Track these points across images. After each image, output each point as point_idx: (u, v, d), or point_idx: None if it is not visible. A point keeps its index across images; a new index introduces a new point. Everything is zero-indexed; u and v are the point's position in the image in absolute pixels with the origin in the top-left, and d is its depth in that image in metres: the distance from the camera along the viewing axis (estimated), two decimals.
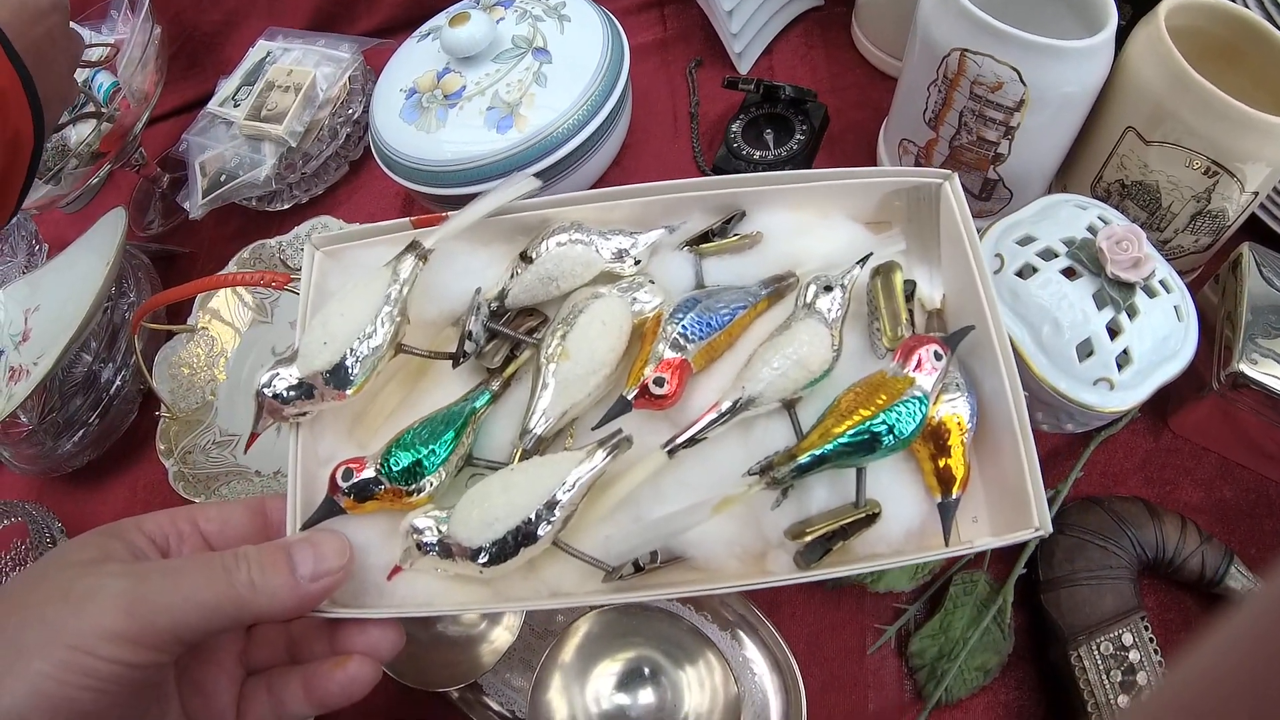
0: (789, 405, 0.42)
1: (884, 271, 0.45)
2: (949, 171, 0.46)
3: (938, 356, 0.40)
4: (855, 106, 0.75)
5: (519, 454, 0.42)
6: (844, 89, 0.76)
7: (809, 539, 0.39)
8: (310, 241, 0.46)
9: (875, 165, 0.70)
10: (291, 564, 0.36)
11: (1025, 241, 0.52)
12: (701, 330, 0.42)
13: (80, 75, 0.75)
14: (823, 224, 0.47)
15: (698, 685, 0.51)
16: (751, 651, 0.54)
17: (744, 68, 0.79)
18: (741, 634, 0.54)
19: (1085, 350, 0.49)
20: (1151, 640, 0.50)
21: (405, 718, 0.56)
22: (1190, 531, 0.53)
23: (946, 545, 0.39)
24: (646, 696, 0.52)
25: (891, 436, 0.38)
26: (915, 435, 0.39)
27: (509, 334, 0.44)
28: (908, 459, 0.42)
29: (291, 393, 0.41)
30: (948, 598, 0.53)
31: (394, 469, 0.40)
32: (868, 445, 0.38)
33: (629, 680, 0.52)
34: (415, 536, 0.39)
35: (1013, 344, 0.49)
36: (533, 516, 0.38)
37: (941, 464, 0.41)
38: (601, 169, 0.73)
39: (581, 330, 0.42)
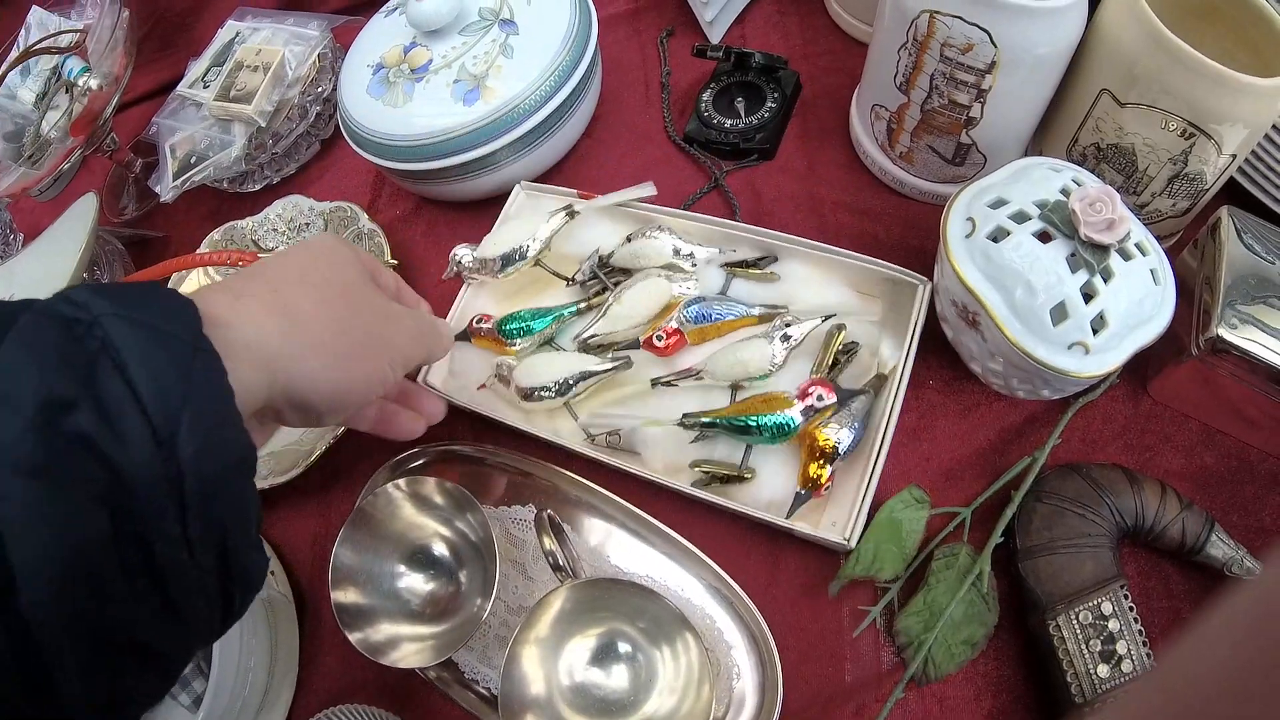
0: (734, 387, 0.58)
1: (835, 329, 0.58)
2: (927, 280, 0.57)
3: (820, 399, 0.53)
4: (829, 73, 0.74)
5: (575, 347, 0.62)
6: (817, 55, 0.75)
7: (699, 470, 0.56)
8: (520, 185, 0.68)
9: (848, 132, 0.70)
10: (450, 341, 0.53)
11: (997, 204, 0.51)
12: (698, 319, 0.59)
13: (50, 61, 0.75)
14: (824, 282, 0.61)
15: (671, 659, 0.51)
16: (725, 623, 0.54)
17: (715, 37, 0.78)
18: (717, 606, 0.54)
19: (1060, 314, 0.48)
20: (1131, 609, 0.49)
21: (386, 693, 0.56)
22: (1170, 499, 0.52)
23: (786, 518, 0.53)
24: (620, 671, 0.52)
25: (759, 432, 0.54)
26: (778, 439, 0.54)
27: (602, 278, 0.64)
28: (795, 456, 0.55)
29: (470, 263, 0.64)
30: (929, 572, 0.53)
31: (505, 328, 0.61)
32: (744, 430, 0.54)
33: (603, 655, 0.52)
34: (498, 369, 0.60)
35: (985, 309, 0.50)
36: (559, 383, 0.58)
37: (810, 468, 0.53)
38: (572, 140, 0.72)
39: (636, 292, 0.60)
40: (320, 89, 0.77)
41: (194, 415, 0.28)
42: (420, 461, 0.61)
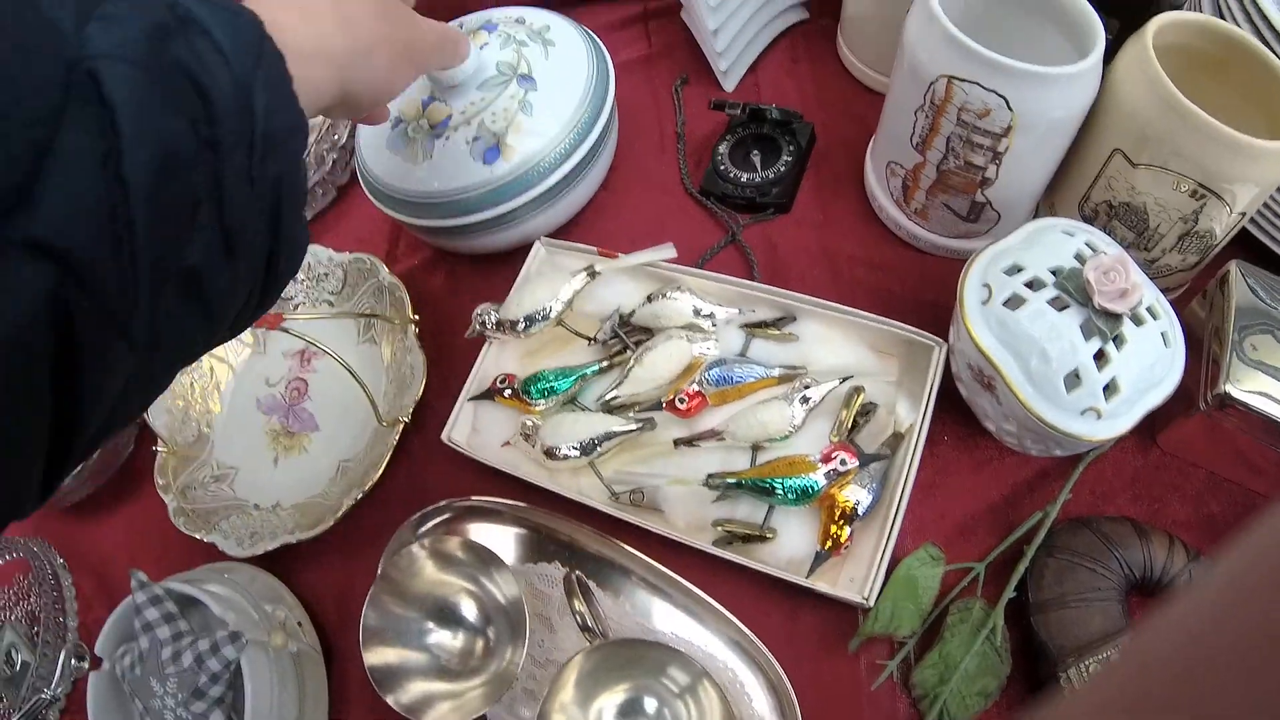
0: (754, 447, 0.60)
1: (854, 390, 0.60)
2: (943, 341, 0.58)
3: (843, 463, 0.55)
4: (842, 122, 0.74)
5: (599, 407, 0.63)
6: (830, 105, 0.76)
7: (721, 529, 0.58)
8: (541, 242, 0.70)
9: (863, 184, 0.71)
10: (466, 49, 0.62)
11: (1013, 271, 0.53)
12: (720, 382, 0.61)
13: None
14: (841, 342, 0.62)
15: (696, 712, 0.52)
16: (746, 676, 0.55)
17: (730, 85, 0.78)
18: (739, 659, 0.55)
19: (1073, 381, 0.50)
20: None
21: None
22: (1178, 550, 0.54)
23: (806, 577, 0.55)
24: None
25: (782, 494, 0.55)
26: (801, 502, 0.55)
27: (623, 338, 0.65)
28: (815, 516, 0.57)
29: (493, 323, 0.64)
30: (945, 626, 0.54)
31: (528, 388, 0.63)
32: (767, 491, 0.56)
33: (630, 710, 0.54)
34: (523, 428, 0.62)
35: (1001, 375, 0.51)
36: (584, 443, 0.60)
37: (830, 528, 0.55)
38: (591, 192, 0.72)
39: (657, 354, 0.62)
40: (336, 136, 0.77)
41: (265, 79, 0.33)
42: (445, 516, 0.62)
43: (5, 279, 0.26)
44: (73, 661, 0.65)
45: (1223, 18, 0.59)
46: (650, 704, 0.54)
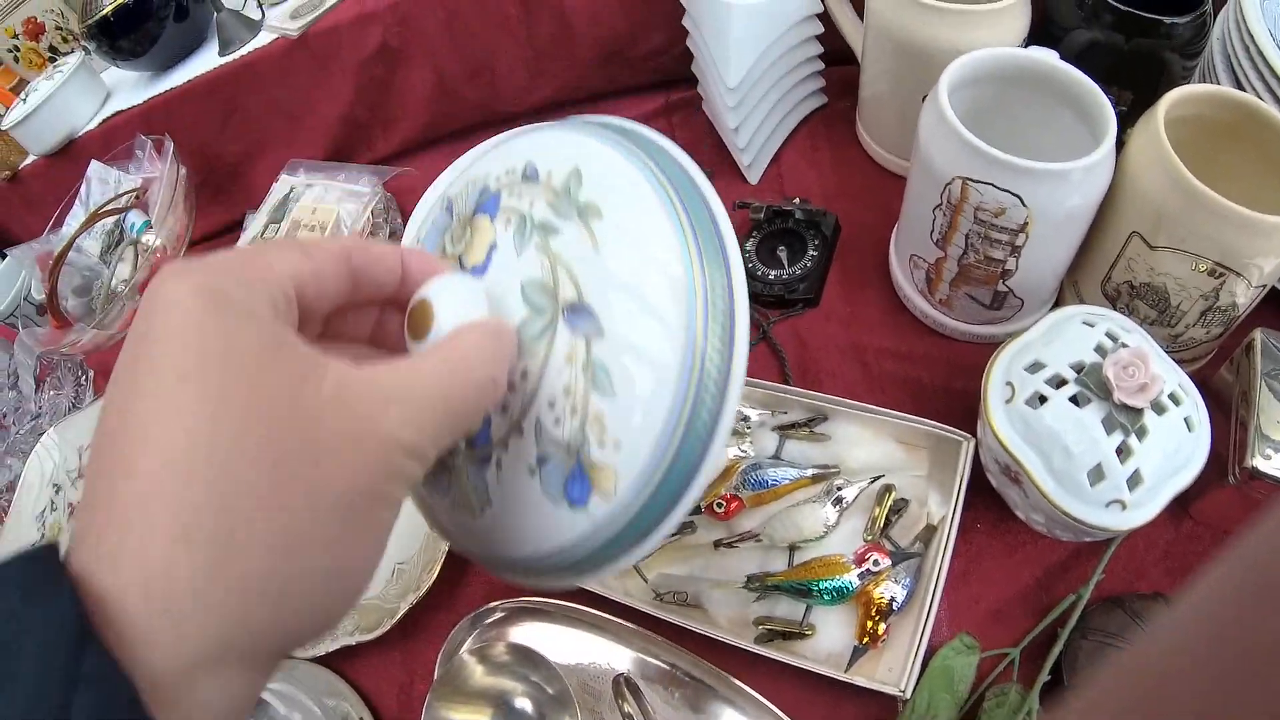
0: (791, 547, 0.62)
1: (885, 489, 0.61)
2: (970, 436, 0.60)
3: (876, 563, 0.57)
4: (865, 210, 0.75)
5: None
6: (852, 192, 0.77)
7: (761, 628, 0.60)
8: None
9: (888, 273, 0.72)
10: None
11: (1034, 368, 0.54)
12: (755, 485, 0.63)
13: (112, 219, 0.78)
14: (872, 440, 0.64)
15: None
16: None
17: (754, 177, 0.80)
18: None
19: (1097, 475, 0.51)
20: None
21: None
22: None
23: (845, 671, 0.56)
24: None
25: (819, 595, 0.58)
26: (837, 601, 0.58)
27: None
28: (852, 611, 0.59)
29: None
30: (982, 712, 0.56)
31: None
32: (805, 593, 0.59)
33: None
34: None
35: (1025, 471, 0.52)
36: None
37: (867, 623, 0.57)
38: None
39: None
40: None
41: None
42: (498, 615, 0.65)
43: None
44: None
45: (1241, 87, 0.59)
46: None
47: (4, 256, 0.90)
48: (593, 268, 0.33)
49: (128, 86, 0.98)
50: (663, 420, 0.32)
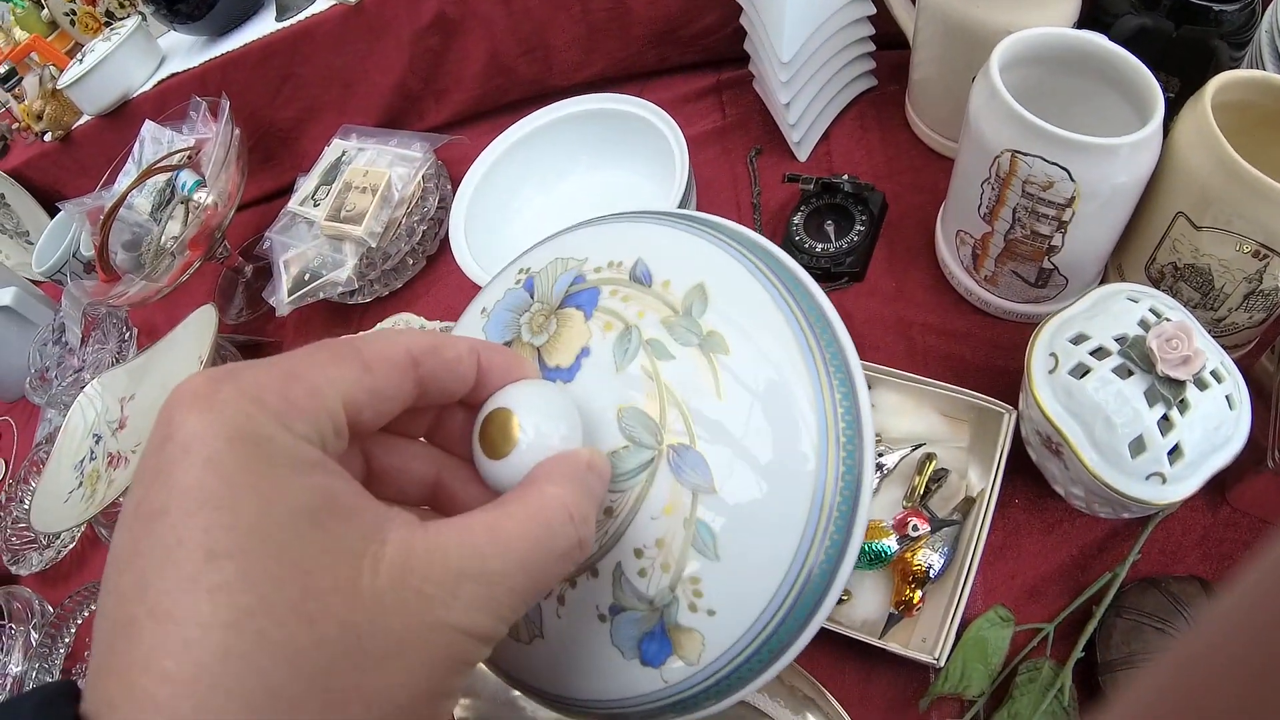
0: None
1: (926, 457, 0.62)
2: (1013, 408, 0.60)
3: (915, 529, 0.57)
4: (912, 190, 0.76)
5: None
6: (900, 173, 0.77)
7: None
8: None
9: (934, 251, 0.72)
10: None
11: (1078, 339, 0.54)
12: None
13: (164, 177, 0.80)
14: (915, 410, 0.64)
15: None
16: None
17: (803, 155, 0.80)
18: (814, 717, 0.57)
19: (1138, 447, 0.51)
20: None
21: None
22: None
23: (879, 638, 0.56)
24: None
25: (857, 559, 0.52)
26: (875, 566, 0.58)
27: None
28: (888, 579, 0.59)
29: None
30: (1014, 685, 0.56)
31: None
32: None
33: None
34: None
35: (1067, 441, 0.52)
36: None
37: (903, 591, 0.57)
38: None
39: None
40: (425, 209, 0.81)
41: None
42: None
43: None
44: None
45: None
46: None
47: (57, 211, 0.91)
48: (711, 411, 0.29)
49: (183, 51, 1.00)
50: (770, 594, 0.29)
